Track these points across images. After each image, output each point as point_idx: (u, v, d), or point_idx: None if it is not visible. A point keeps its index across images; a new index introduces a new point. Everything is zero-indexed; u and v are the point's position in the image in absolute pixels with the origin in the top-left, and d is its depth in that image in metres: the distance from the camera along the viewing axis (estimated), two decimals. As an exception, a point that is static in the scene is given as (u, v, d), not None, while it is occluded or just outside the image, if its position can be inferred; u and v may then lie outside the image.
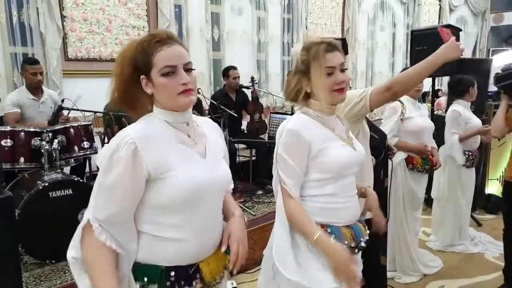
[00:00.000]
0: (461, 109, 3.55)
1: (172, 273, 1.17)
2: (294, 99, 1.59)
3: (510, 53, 3.64)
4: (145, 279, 1.17)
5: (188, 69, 1.20)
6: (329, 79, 1.48)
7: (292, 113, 4.55)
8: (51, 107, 3.76)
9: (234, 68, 4.95)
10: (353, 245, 1.50)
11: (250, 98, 5.08)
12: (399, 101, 2.98)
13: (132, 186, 1.13)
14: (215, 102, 4.15)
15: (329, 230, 1.48)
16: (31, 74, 3.58)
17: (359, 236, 1.53)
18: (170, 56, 1.17)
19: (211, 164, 1.26)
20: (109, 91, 1.23)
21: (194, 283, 1.20)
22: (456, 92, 3.72)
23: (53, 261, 2.96)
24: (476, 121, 3.57)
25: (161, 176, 1.14)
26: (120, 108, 1.26)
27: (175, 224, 1.19)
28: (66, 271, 2.85)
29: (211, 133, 1.36)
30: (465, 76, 3.59)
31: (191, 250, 1.20)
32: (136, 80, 1.20)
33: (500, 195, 4.61)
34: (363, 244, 1.55)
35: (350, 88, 2.39)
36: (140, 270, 1.19)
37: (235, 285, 2.85)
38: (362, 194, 1.70)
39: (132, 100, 1.23)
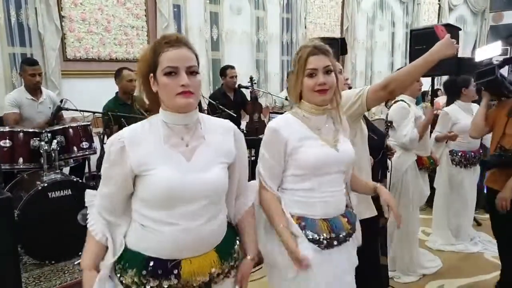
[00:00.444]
0: (453, 109, 3.54)
1: (151, 263, 1.24)
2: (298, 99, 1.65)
3: (492, 46, 3.53)
4: (127, 263, 1.27)
5: (192, 72, 1.24)
6: (310, 80, 1.57)
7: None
8: (50, 107, 3.76)
9: (232, 67, 4.95)
10: (329, 236, 1.56)
11: (249, 98, 5.08)
12: (404, 101, 2.97)
13: (118, 175, 1.26)
14: (213, 102, 4.15)
15: (303, 223, 1.56)
16: (30, 75, 3.58)
17: (337, 229, 1.58)
18: (174, 57, 1.22)
19: (196, 168, 1.27)
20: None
21: (171, 277, 1.24)
22: (450, 93, 3.72)
23: (53, 262, 2.96)
24: (463, 123, 3.44)
25: (143, 174, 1.24)
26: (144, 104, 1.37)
27: (155, 218, 1.26)
28: (66, 272, 2.85)
29: (215, 136, 1.36)
30: (461, 76, 3.58)
31: (168, 245, 1.25)
32: (142, 83, 1.31)
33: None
34: (343, 236, 1.60)
35: (350, 87, 2.40)
36: (128, 255, 1.28)
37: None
38: (374, 192, 1.77)
39: (152, 97, 1.31)
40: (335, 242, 1.58)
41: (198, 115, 1.34)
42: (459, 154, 3.58)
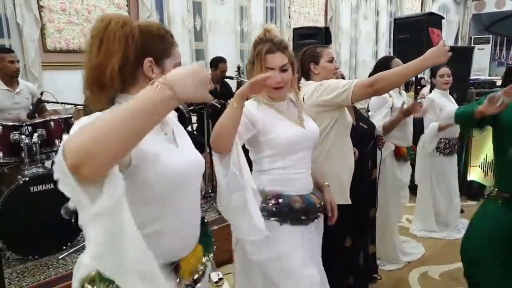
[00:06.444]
0: (436, 96, 3.59)
1: None
2: None
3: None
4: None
5: None
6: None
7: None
8: (28, 98, 3.66)
9: (225, 61, 4.90)
10: (300, 208, 1.64)
11: (234, 89, 5.05)
12: None
13: None
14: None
15: (280, 200, 1.62)
16: (9, 62, 3.47)
17: (310, 205, 1.67)
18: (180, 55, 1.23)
19: (186, 152, 1.22)
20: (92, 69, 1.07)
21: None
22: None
23: (36, 257, 2.91)
24: (448, 109, 3.51)
25: (143, 166, 1.06)
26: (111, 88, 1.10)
27: (156, 216, 1.12)
28: (50, 266, 2.81)
29: (176, 122, 1.32)
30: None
31: (173, 245, 1.15)
32: (127, 61, 1.09)
33: (482, 182, 4.72)
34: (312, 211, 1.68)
35: (344, 77, 2.41)
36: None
37: (221, 276, 2.86)
38: (320, 189, 1.82)
39: (117, 80, 1.09)
40: (303, 217, 1.64)
41: None
42: (444, 141, 3.61)
